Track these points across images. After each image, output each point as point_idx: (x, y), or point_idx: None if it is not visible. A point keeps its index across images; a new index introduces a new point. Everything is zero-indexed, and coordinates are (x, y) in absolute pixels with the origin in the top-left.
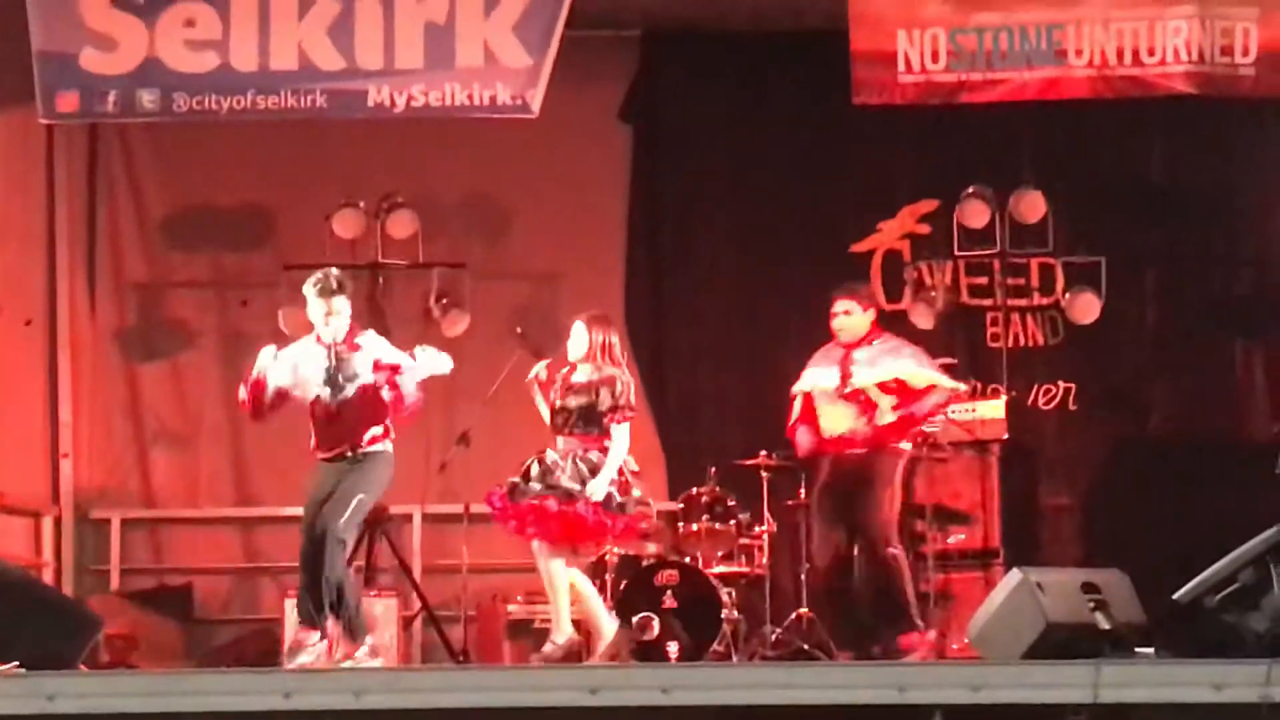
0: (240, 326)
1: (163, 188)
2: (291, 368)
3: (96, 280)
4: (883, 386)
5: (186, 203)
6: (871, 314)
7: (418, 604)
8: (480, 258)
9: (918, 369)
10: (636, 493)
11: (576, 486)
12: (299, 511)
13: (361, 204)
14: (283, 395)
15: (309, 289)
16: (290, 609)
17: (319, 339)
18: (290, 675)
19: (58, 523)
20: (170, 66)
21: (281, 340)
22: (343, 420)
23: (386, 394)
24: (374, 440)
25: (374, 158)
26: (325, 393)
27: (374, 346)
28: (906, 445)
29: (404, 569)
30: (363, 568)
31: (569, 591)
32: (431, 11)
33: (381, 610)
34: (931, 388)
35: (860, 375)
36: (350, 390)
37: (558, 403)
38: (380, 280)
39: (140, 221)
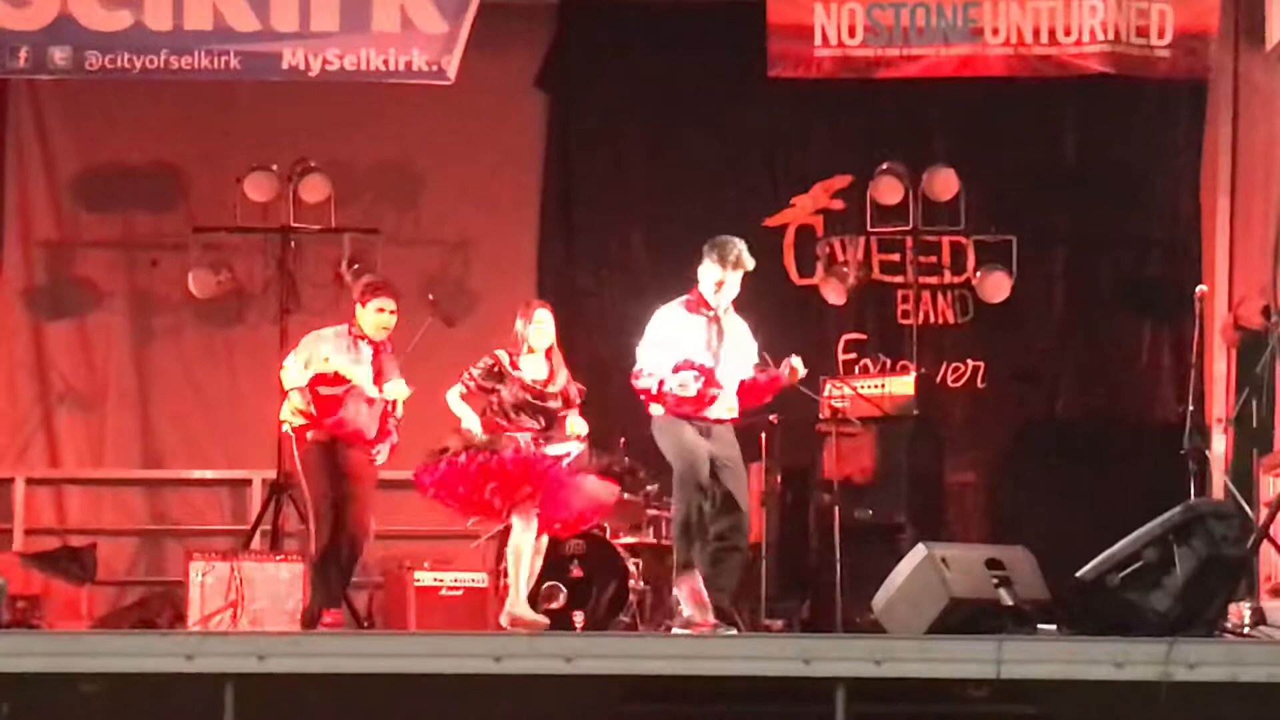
0: (149, 287)
1: (73, 146)
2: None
3: (4, 238)
4: None
5: (97, 162)
6: None
7: None
8: (393, 223)
9: None
10: None
11: None
12: (205, 475)
13: (274, 167)
14: None
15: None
16: (195, 572)
17: None
18: (192, 637)
19: None
20: (83, 24)
21: (193, 302)
22: None
23: None
24: None
25: (287, 121)
26: None
27: None
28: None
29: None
30: (269, 532)
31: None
32: None
33: (287, 576)
34: None
35: None
36: None
37: (525, 397)
38: (292, 244)
39: (50, 180)
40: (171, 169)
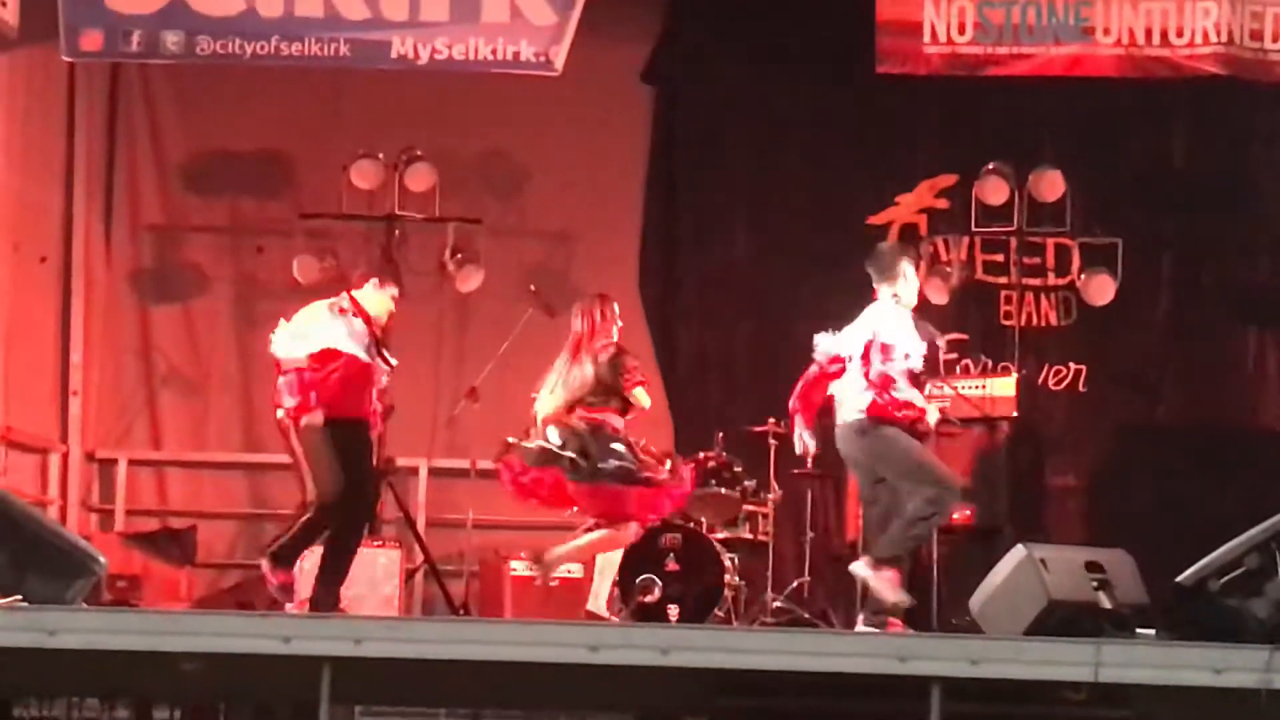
0: (254, 273)
1: (182, 131)
2: None
3: (113, 221)
4: None
5: (205, 147)
6: None
7: (420, 557)
8: (497, 214)
9: None
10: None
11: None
12: None
13: (380, 155)
14: None
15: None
16: None
17: None
18: (290, 620)
19: (65, 461)
20: (195, 9)
21: (297, 288)
22: None
23: None
24: None
25: (395, 110)
26: None
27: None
28: None
29: (408, 521)
30: None
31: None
32: None
33: (384, 562)
34: None
35: None
36: None
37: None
38: (396, 233)
39: (158, 164)
40: (279, 156)
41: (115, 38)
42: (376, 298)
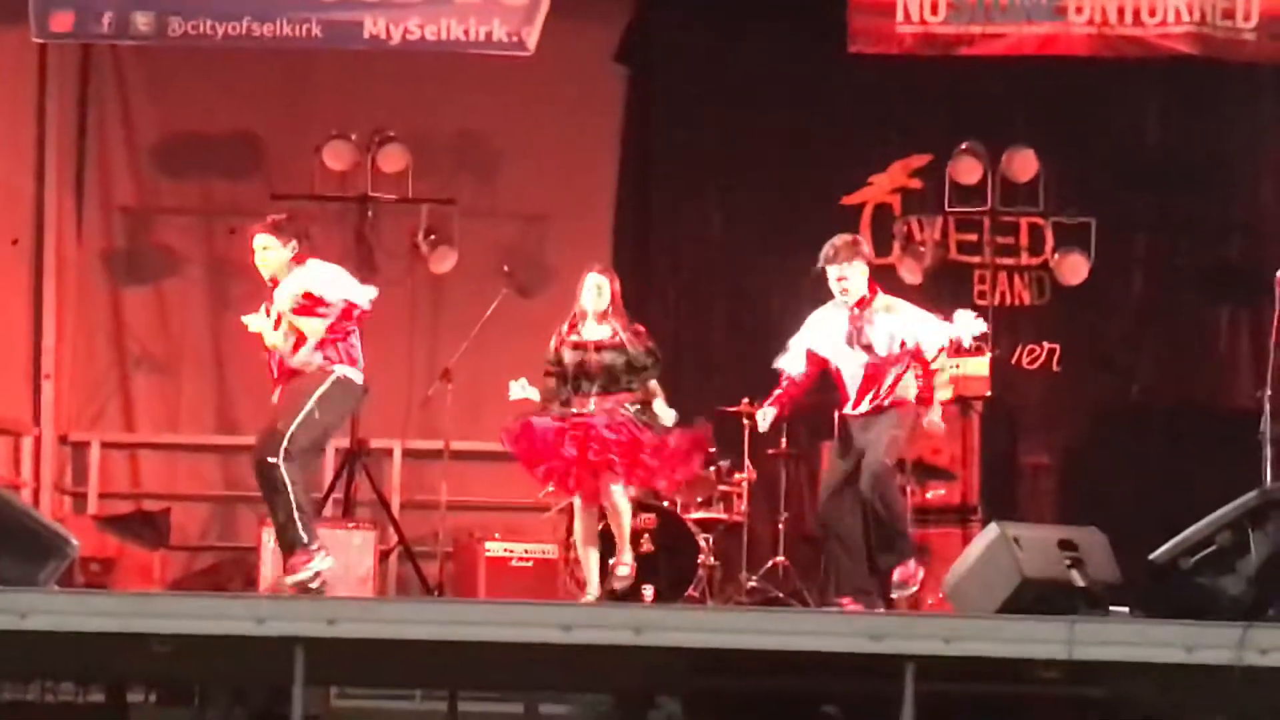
0: (227, 255)
1: (154, 112)
2: None
3: (84, 202)
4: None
5: (177, 128)
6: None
7: (395, 538)
8: (470, 195)
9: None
10: None
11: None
12: None
13: (353, 137)
14: None
15: None
16: (267, 538)
17: None
18: (264, 601)
19: (38, 444)
20: None
21: None
22: None
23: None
24: None
25: (367, 90)
26: None
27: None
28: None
29: (382, 503)
30: (342, 499)
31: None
32: None
33: (359, 543)
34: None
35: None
36: None
37: (578, 359)
38: (369, 214)
39: (130, 145)
40: (251, 137)
41: (86, 19)
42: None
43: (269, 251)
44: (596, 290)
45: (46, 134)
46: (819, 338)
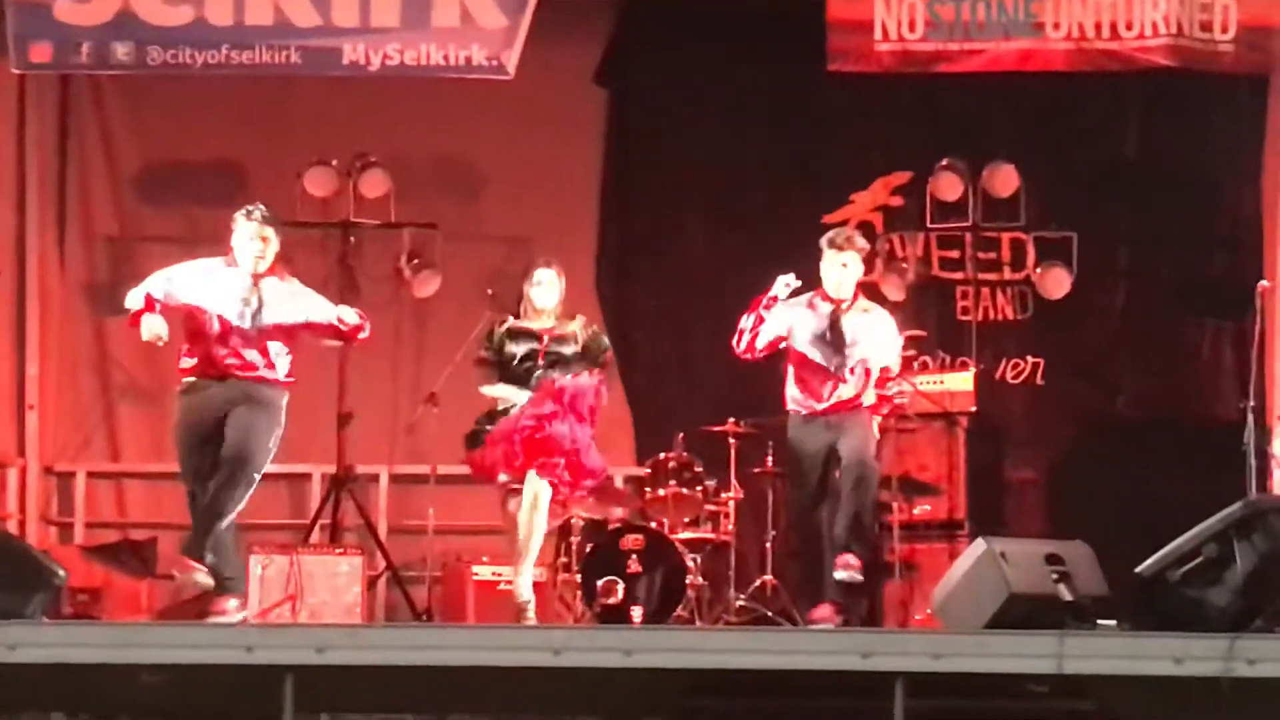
0: None
1: (135, 141)
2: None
3: (66, 233)
4: None
5: (158, 157)
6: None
7: (382, 564)
8: (452, 219)
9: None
10: None
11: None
12: (267, 470)
13: (334, 162)
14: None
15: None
16: (255, 566)
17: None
18: (253, 630)
19: (23, 475)
20: (145, 19)
21: None
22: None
23: None
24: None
25: (347, 116)
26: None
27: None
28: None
29: (369, 528)
30: (329, 526)
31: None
32: None
33: (346, 569)
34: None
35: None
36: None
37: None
38: (351, 239)
39: (112, 175)
40: (232, 164)
41: (65, 49)
42: None
43: (269, 245)
44: (540, 284)
45: (27, 165)
46: (798, 329)
